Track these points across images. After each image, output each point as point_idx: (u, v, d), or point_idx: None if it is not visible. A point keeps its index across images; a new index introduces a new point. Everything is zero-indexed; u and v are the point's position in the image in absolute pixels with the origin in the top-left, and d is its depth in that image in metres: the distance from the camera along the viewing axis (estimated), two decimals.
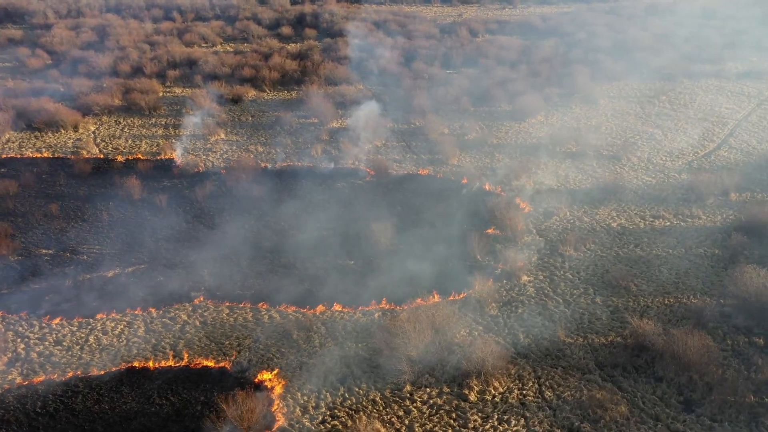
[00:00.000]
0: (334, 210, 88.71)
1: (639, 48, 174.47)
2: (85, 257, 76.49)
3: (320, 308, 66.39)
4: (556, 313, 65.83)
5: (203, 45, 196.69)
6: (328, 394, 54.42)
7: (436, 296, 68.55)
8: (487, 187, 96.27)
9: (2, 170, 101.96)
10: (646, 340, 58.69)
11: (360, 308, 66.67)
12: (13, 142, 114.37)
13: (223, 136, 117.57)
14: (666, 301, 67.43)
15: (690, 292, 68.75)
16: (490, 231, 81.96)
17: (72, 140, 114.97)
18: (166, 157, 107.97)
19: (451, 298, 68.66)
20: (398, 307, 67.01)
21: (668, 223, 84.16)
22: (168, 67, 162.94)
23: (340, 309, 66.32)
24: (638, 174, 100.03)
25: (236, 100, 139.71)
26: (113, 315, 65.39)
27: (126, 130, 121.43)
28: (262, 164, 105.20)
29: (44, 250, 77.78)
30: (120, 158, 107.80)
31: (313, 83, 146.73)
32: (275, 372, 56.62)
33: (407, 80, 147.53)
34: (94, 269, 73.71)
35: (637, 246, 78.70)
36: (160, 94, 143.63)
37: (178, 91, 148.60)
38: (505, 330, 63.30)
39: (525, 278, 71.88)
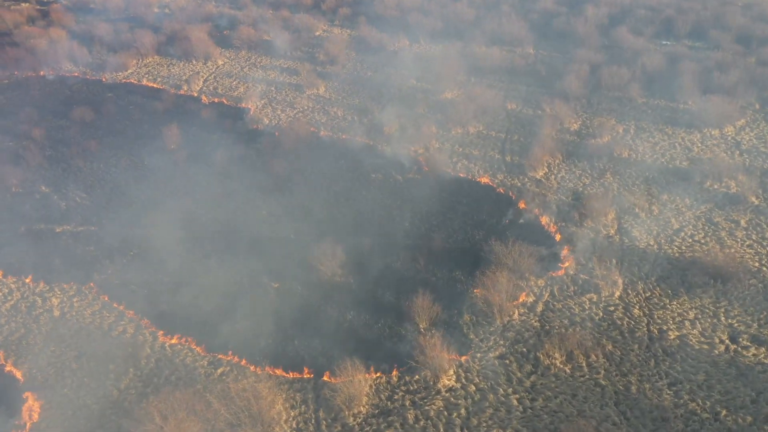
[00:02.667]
0: (332, 211, 73.72)
1: None
2: (64, 204, 75.71)
3: (175, 338, 54.57)
4: None
5: None
6: None
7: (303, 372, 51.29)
8: (543, 221, 70.15)
9: (108, 95, 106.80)
10: None
11: (212, 354, 53.12)
12: (146, 67, 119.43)
13: (320, 90, 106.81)
14: None
15: None
16: (477, 291, 58.96)
17: (189, 74, 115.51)
18: (245, 105, 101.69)
19: (326, 378, 50.75)
20: (254, 369, 51.81)
21: None
22: (346, 3, 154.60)
23: (193, 346, 53.72)
24: None
25: (381, 50, 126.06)
26: (9, 279, 62.55)
27: (246, 69, 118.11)
28: (323, 132, 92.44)
29: (44, 188, 78.98)
30: (205, 99, 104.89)
31: (472, 39, 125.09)
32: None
33: (584, 51, 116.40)
34: (54, 219, 72.25)
35: (675, 384, 49.17)
36: (317, 33, 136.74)
37: (336, 32, 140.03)
38: None
39: (446, 382, 49.85)
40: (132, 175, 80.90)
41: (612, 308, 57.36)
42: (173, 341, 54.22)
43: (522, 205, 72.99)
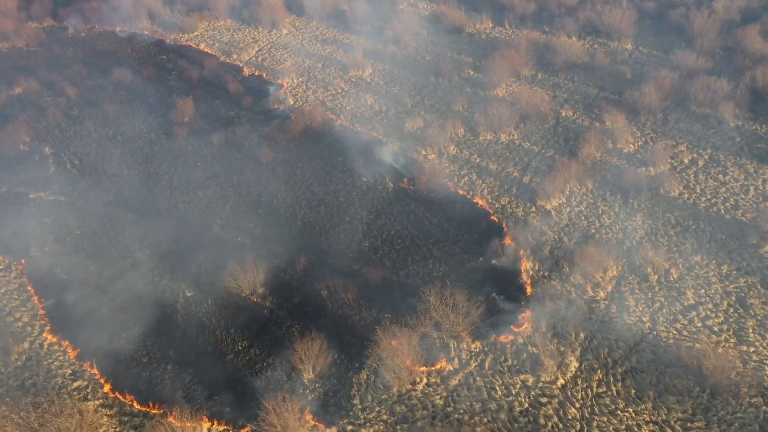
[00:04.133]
0: (297, 215, 67.24)
1: None
2: (53, 170, 76.71)
3: (56, 337, 51.93)
4: None
5: None
6: None
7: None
8: (522, 267, 58.45)
9: (162, 57, 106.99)
10: None
11: (81, 363, 49.72)
12: (213, 31, 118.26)
13: (365, 72, 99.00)
14: None
15: None
16: (394, 343, 49.95)
17: (249, 41, 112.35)
18: (280, 81, 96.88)
19: (171, 419, 45.27)
20: (107, 390, 47.70)
21: None
22: None
23: (69, 350, 50.81)
24: None
25: (457, 31, 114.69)
26: None
27: (306, 41, 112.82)
28: (339, 121, 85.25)
29: (47, 149, 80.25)
30: (246, 71, 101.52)
31: (561, 27, 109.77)
32: None
33: (687, 53, 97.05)
34: (35, 184, 73.15)
35: None
36: (400, 6, 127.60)
37: (421, 6, 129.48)
38: None
39: None
40: (129, 147, 79.36)
41: (545, 400, 45.52)
42: (53, 339, 51.30)
43: (507, 241, 61.02)
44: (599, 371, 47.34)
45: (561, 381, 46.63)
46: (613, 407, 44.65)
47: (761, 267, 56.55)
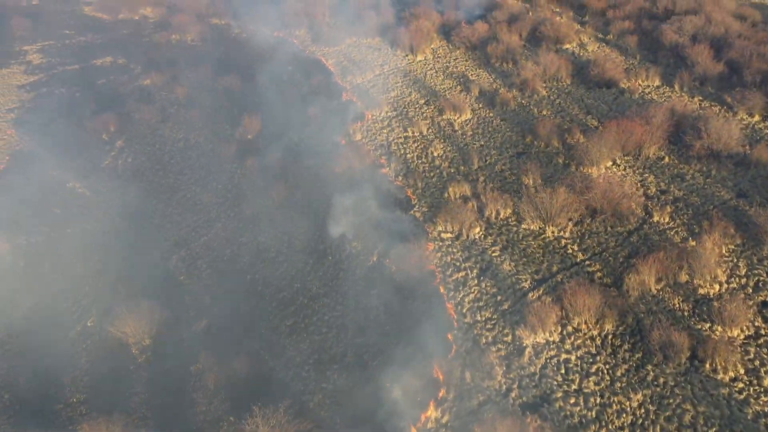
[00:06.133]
0: (250, 267, 61.51)
1: None
2: (106, 162, 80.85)
3: None
4: None
5: None
6: None
7: None
8: (424, 415, 45.53)
9: (288, 68, 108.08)
10: None
11: None
12: (353, 47, 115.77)
13: (459, 118, 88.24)
14: None
15: None
16: None
17: (375, 64, 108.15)
18: (366, 112, 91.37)
19: None
20: None
21: None
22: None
23: None
24: None
25: (607, 85, 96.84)
26: None
27: (432, 72, 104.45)
28: (384, 170, 77.10)
29: (120, 143, 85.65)
30: (345, 96, 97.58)
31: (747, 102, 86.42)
32: None
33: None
34: (71, 169, 77.57)
35: None
36: (566, 46, 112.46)
37: (591, 49, 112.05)
38: None
39: None
40: (176, 156, 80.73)
41: None
42: None
43: (435, 373, 47.68)
44: None
45: None
46: None
47: None
